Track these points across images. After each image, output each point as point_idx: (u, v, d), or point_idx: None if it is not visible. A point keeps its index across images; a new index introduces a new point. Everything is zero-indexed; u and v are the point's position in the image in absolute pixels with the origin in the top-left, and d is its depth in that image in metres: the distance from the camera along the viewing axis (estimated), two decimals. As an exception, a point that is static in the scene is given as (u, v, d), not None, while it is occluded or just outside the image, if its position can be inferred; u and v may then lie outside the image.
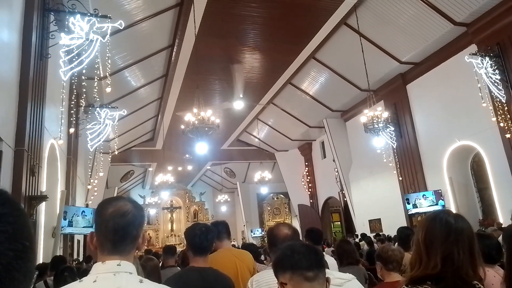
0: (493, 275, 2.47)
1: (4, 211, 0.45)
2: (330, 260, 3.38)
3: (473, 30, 8.83)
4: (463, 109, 9.41)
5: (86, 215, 8.76)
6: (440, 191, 10.15)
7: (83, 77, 7.19)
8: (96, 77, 7.46)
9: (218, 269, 2.43)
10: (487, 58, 8.09)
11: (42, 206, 6.20)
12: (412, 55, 10.24)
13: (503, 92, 7.99)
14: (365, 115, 9.64)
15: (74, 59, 5.68)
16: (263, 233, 20.91)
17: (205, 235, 2.40)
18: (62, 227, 7.63)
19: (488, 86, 8.09)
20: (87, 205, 11.08)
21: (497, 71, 8.05)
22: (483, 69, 8.00)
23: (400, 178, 11.36)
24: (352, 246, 4.04)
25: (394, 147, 10.97)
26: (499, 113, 8.15)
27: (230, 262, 2.80)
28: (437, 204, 10.10)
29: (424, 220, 1.47)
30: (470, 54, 8.26)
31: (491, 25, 8.39)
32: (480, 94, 8.06)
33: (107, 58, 6.26)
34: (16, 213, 0.47)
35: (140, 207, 1.45)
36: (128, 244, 1.41)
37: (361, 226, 13.16)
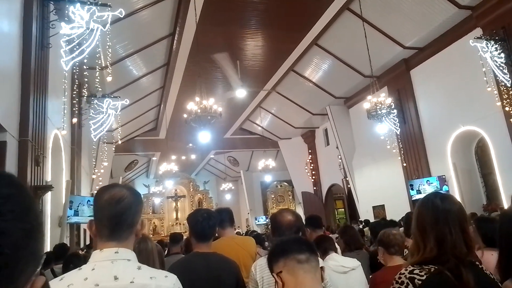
0: (491, 253, 2.49)
1: (12, 191, 0.46)
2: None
3: (478, 14, 8.69)
4: (468, 94, 9.32)
5: (91, 204, 8.83)
6: (444, 176, 10.13)
7: (84, 67, 7.17)
8: (97, 66, 7.45)
9: None
10: (492, 42, 7.98)
11: (48, 196, 6.26)
12: (415, 40, 10.11)
13: (508, 76, 7.89)
14: (369, 102, 9.58)
15: (75, 49, 5.66)
16: (267, 220, 21.04)
17: (207, 222, 2.40)
18: (68, 216, 7.70)
19: (493, 70, 7.99)
20: (92, 195, 11.17)
21: (502, 55, 7.94)
22: (488, 53, 7.89)
23: (404, 164, 11.34)
24: (355, 230, 4.13)
25: (398, 133, 10.93)
26: (504, 97, 8.06)
27: (232, 250, 2.82)
28: (441, 190, 10.09)
29: (415, 208, 1.50)
30: (475, 38, 8.15)
31: (497, 8, 8.25)
32: (484, 79, 7.96)
33: (107, 47, 6.23)
34: (24, 194, 0.48)
35: (137, 193, 1.45)
36: (124, 230, 1.41)
37: (365, 213, 13.21)
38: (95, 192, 10.57)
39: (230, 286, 2.24)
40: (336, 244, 3.55)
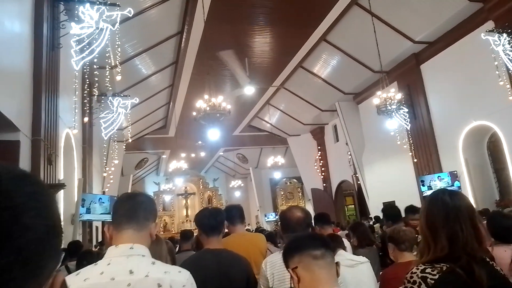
0: (504, 250, 2.46)
1: (35, 189, 0.48)
2: (345, 243, 3.44)
3: (489, 6, 8.53)
4: (479, 88, 9.18)
5: (103, 202, 8.96)
6: (455, 172, 10.02)
7: (94, 66, 7.23)
8: (107, 66, 7.50)
9: None
10: (504, 35, 7.83)
11: (61, 194, 6.36)
12: (425, 34, 9.98)
13: (521, 69, 7.75)
14: (378, 97, 9.50)
15: (85, 49, 5.72)
16: (276, 217, 21.07)
17: (214, 216, 2.43)
18: (80, 214, 7.82)
19: (505, 63, 7.85)
20: (103, 193, 11.31)
21: (515, 48, 7.79)
22: (500, 46, 7.75)
23: (415, 160, 11.23)
24: (366, 227, 4.14)
25: (408, 129, 10.81)
26: (517, 91, 7.93)
27: (242, 246, 2.83)
28: (452, 186, 9.98)
29: (423, 206, 1.48)
30: (486, 31, 8.01)
31: (509, 0, 8.08)
32: (497, 72, 7.83)
33: (117, 46, 6.28)
34: (46, 192, 0.50)
35: (149, 197, 1.64)
36: (140, 221, 1.50)
37: (375, 209, 13.13)
38: (106, 190, 10.72)
39: (241, 282, 2.24)
40: (345, 241, 3.55)
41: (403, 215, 4.05)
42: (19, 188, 0.46)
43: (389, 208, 3.53)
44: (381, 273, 2.83)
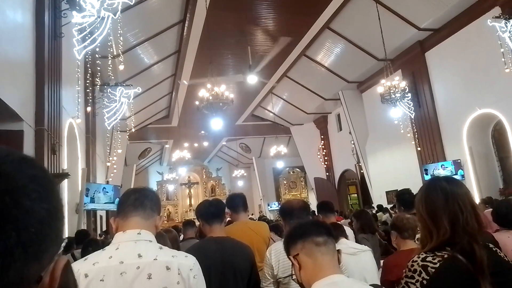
0: (508, 236, 2.46)
1: (36, 172, 0.47)
2: (348, 230, 3.46)
3: (496, -8, 8.39)
4: (485, 75, 9.07)
5: (107, 192, 9.02)
6: (459, 161, 9.98)
7: (96, 56, 7.22)
8: (109, 55, 7.48)
9: None
10: (511, 21, 7.71)
11: (65, 183, 6.40)
12: (431, 21, 9.84)
13: (527, 56, 7.64)
14: (382, 86, 9.43)
15: (87, 38, 5.69)
16: (279, 206, 21.16)
17: (214, 205, 2.47)
18: (84, 203, 7.89)
19: (512, 50, 7.75)
20: (107, 182, 11.39)
21: (522, 35, 7.67)
22: (507, 33, 7.64)
23: (419, 149, 11.19)
24: (370, 215, 4.21)
25: (412, 117, 10.75)
26: (523, 79, 7.84)
27: (245, 234, 2.84)
28: (456, 174, 9.95)
29: (420, 194, 1.47)
30: (493, 18, 7.88)
31: (517, -14, 7.94)
32: (503, 59, 7.73)
33: (119, 35, 6.24)
34: (47, 176, 0.50)
35: (154, 191, 1.70)
36: (147, 209, 1.52)
37: (378, 198, 13.15)
38: (110, 179, 10.78)
39: (245, 271, 2.25)
40: (347, 229, 3.57)
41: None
42: (19, 171, 0.45)
43: (405, 194, 3.52)
44: (382, 260, 2.85)
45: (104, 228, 10.79)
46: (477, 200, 8.06)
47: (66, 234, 6.23)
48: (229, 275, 2.18)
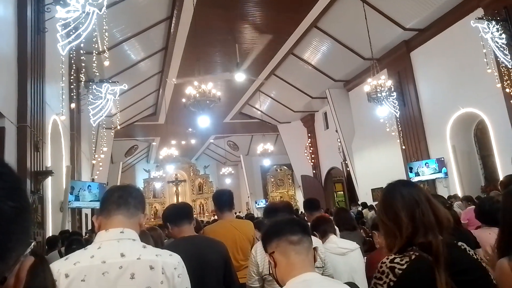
0: (488, 232, 2.53)
1: (3, 170, 0.46)
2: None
3: (480, -7, 8.55)
4: (468, 75, 9.26)
5: (92, 190, 8.91)
6: (443, 159, 10.17)
7: (81, 51, 7.09)
8: (94, 51, 7.36)
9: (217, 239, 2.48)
10: (493, 22, 7.87)
11: (48, 181, 6.30)
12: (416, 21, 9.98)
13: (509, 57, 7.81)
14: (368, 84, 9.53)
15: (71, 33, 5.59)
16: (267, 203, 21.24)
17: (180, 207, 2.51)
18: (69, 201, 7.78)
19: (493, 51, 7.92)
20: (93, 180, 11.24)
21: (503, 36, 7.84)
22: (489, 33, 7.80)
23: (403, 147, 11.36)
24: (349, 214, 4.29)
25: (397, 116, 10.90)
26: (504, 79, 8.01)
27: (229, 232, 2.85)
28: (440, 172, 10.15)
29: (379, 203, 1.52)
30: (476, 19, 8.03)
31: (499, -12, 8.11)
32: (485, 60, 7.89)
33: (104, 31, 6.16)
34: (13, 174, 0.48)
35: (139, 188, 1.67)
36: (130, 208, 1.50)
37: (364, 195, 13.31)
38: (95, 177, 10.62)
39: (219, 267, 2.27)
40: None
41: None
42: None
43: None
44: (365, 258, 2.89)
45: (89, 227, 10.66)
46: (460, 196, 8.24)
47: (50, 232, 6.14)
48: (204, 273, 2.18)
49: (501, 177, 8.82)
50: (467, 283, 1.27)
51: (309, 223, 2.87)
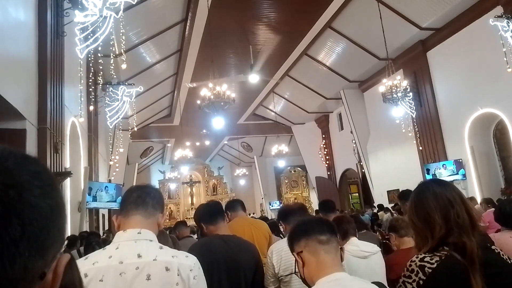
0: (510, 235, 2.47)
1: (39, 169, 0.48)
2: None
3: (499, -9, 8.37)
4: (486, 75, 9.06)
5: (109, 190, 9.05)
6: (460, 160, 9.97)
7: (99, 55, 7.24)
8: (112, 54, 7.50)
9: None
10: (513, 20, 7.69)
11: (67, 182, 6.43)
12: (433, 20, 9.82)
13: (529, 56, 7.63)
14: (384, 85, 9.43)
15: (89, 37, 5.71)
16: (281, 205, 21.19)
17: (213, 205, 2.50)
18: (87, 202, 7.92)
19: (513, 50, 7.73)
20: (109, 181, 11.42)
21: (524, 34, 7.65)
22: (509, 32, 7.62)
23: (420, 148, 11.19)
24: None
25: (414, 116, 10.74)
26: (525, 78, 7.82)
27: (246, 228, 2.88)
28: (457, 174, 9.95)
29: (410, 202, 1.48)
30: (495, 17, 7.86)
31: (519, -15, 7.92)
32: (505, 59, 7.72)
33: (121, 34, 6.26)
34: (49, 172, 0.50)
35: (157, 189, 1.68)
36: (149, 208, 1.51)
37: (379, 197, 13.16)
38: (112, 178, 10.80)
39: (249, 269, 2.23)
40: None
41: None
42: (22, 167, 0.46)
43: (407, 194, 3.56)
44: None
45: (106, 227, 10.84)
46: (478, 199, 8.05)
47: (68, 232, 6.27)
48: (233, 273, 2.16)
49: (522, 179, 8.61)
50: (500, 287, 1.25)
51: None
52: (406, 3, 9.57)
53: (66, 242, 5.13)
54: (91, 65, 7.66)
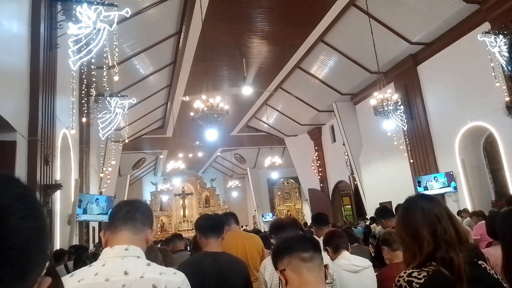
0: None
1: (22, 191, 0.47)
2: None
3: (486, 7, 8.58)
4: (476, 89, 9.23)
5: (99, 203, 8.95)
6: (451, 173, 10.06)
7: (92, 67, 7.23)
8: (105, 66, 7.51)
9: (227, 249, 2.47)
10: (500, 36, 7.86)
11: (57, 194, 6.35)
12: (423, 35, 10.02)
13: (517, 71, 7.78)
14: (375, 98, 9.54)
15: (82, 49, 5.72)
16: (274, 217, 21.08)
17: (213, 219, 2.48)
18: (77, 214, 7.81)
19: (501, 65, 7.90)
20: (100, 193, 11.30)
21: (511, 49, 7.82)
22: (497, 47, 7.79)
23: (411, 161, 11.28)
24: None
25: (405, 129, 10.86)
26: (513, 92, 7.97)
27: (238, 242, 2.86)
28: (449, 186, 10.03)
29: (398, 218, 1.49)
30: (483, 33, 8.05)
31: (506, 1, 8.13)
32: (493, 74, 7.88)
33: (114, 46, 6.28)
34: (32, 195, 0.50)
35: (147, 204, 1.65)
36: (137, 223, 1.49)
37: (372, 209, 13.15)
38: (103, 190, 10.68)
39: (239, 286, 2.23)
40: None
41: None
42: (5, 190, 0.45)
43: (383, 209, 3.73)
44: (376, 274, 2.85)
45: (96, 240, 10.67)
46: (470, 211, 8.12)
47: (57, 245, 6.16)
48: None
49: (511, 191, 8.70)
50: None
51: (317, 238, 2.84)
52: (396, 18, 9.76)
53: (52, 257, 5.04)
54: (84, 77, 7.64)
